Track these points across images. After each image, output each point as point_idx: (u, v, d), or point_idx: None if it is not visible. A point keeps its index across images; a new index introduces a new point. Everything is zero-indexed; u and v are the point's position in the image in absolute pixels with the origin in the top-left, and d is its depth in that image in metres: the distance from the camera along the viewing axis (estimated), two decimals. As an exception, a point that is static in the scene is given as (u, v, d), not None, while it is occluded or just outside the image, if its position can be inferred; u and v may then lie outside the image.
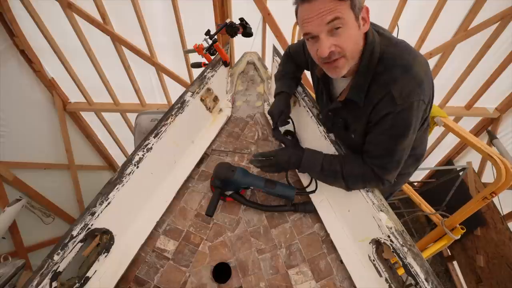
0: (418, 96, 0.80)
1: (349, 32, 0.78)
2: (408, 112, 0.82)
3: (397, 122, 0.84)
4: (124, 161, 1.12)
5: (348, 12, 0.76)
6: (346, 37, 0.78)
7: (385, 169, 0.94)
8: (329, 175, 1.03)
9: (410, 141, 0.91)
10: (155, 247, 1.18)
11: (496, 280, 2.63)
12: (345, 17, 0.76)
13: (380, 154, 0.93)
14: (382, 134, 0.89)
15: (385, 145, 0.90)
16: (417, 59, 0.82)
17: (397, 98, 0.80)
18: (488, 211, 2.81)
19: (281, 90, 1.24)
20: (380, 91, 0.84)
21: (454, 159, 3.83)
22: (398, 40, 0.88)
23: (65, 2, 2.54)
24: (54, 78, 3.29)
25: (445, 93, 3.18)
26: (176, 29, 2.71)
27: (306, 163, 1.06)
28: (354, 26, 0.79)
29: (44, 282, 0.89)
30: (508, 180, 1.24)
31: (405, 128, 0.85)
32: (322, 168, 1.03)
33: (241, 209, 1.27)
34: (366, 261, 1.04)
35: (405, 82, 0.80)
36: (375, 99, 0.85)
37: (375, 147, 0.93)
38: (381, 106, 0.84)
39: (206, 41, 1.30)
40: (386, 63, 0.83)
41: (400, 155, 0.91)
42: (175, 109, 1.26)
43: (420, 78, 0.80)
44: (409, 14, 2.47)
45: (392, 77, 0.81)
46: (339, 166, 1.00)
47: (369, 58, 0.84)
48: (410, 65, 0.80)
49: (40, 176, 3.33)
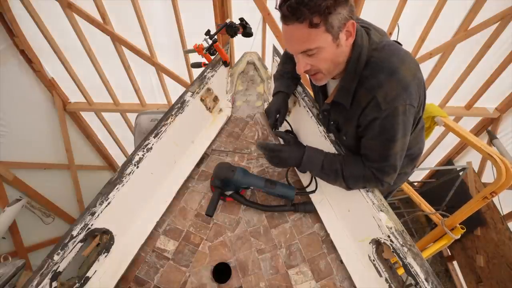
0: (403, 100, 0.79)
1: (324, 55, 0.80)
2: (394, 117, 0.81)
3: (385, 127, 0.84)
4: (124, 161, 1.12)
5: (323, 37, 0.76)
6: (321, 59, 0.81)
7: (383, 172, 0.94)
8: (330, 174, 1.03)
9: (403, 145, 0.90)
10: (155, 247, 1.18)
11: (496, 280, 2.63)
12: (318, 45, 0.77)
13: (376, 159, 0.93)
14: (372, 139, 0.90)
15: (379, 151, 0.91)
16: (405, 62, 0.80)
17: (381, 103, 0.80)
18: (488, 211, 2.80)
19: (279, 90, 1.24)
20: (366, 96, 0.84)
21: (454, 159, 3.83)
22: (388, 42, 0.86)
23: (65, 2, 2.53)
24: (54, 78, 3.29)
25: (445, 93, 3.17)
26: (176, 29, 2.71)
27: (307, 161, 1.06)
28: (330, 47, 0.79)
29: (44, 282, 0.89)
30: (508, 180, 1.25)
31: (393, 133, 0.85)
32: (323, 167, 1.03)
33: (241, 209, 1.27)
34: (366, 261, 1.04)
35: (389, 86, 0.79)
36: (363, 103, 0.85)
37: (370, 152, 0.94)
38: (368, 111, 0.85)
39: (206, 41, 1.30)
40: (373, 66, 0.83)
41: (394, 158, 0.91)
42: (175, 109, 1.26)
43: (406, 82, 0.79)
44: (409, 14, 2.47)
45: (377, 81, 0.81)
46: (339, 166, 1.00)
47: (356, 62, 0.84)
48: (395, 69, 0.79)
49: (40, 176, 3.32)
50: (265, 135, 1.46)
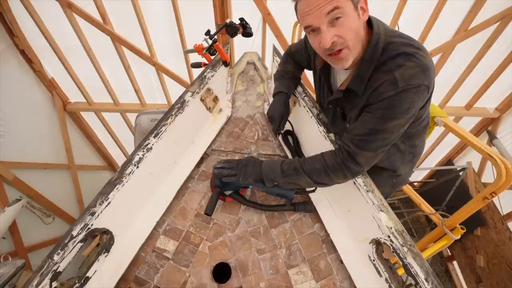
0: (421, 80, 0.79)
1: (349, 21, 0.79)
2: (407, 93, 0.80)
3: (393, 103, 0.83)
4: (124, 161, 1.12)
5: (346, 2, 0.77)
6: (347, 26, 0.79)
7: (361, 148, 0.90)
8: (291, 174, 1.02)
9: (397, 128, 0.88)
10: (155, 247, 1.18)
11: (496, 280, 2.63)
12: (344, 7, 0.77)
13: (362, 132, 0.89)
14: (373, 113, 0.88)
15: (372, 125, 0.88)
16: (422, 49, 0.82)
17: (399, 80, 0.80)
18: (488, 211, 2.81)
19: (280, 90, 1.24)
20: (381, 77, 0.84)
21: (454, 159, 3.83)
22: (402, 33, 0.89)
23: (65, 2, 2.54)
24: (54, 78, 3.29)
25: (445, 93, 3.18)
26: (176, 29, 2.71)
27: (266, 168, 1.06)
28: (354, 15, 0.79)
29: (44, 282, 0.89)
30: (508, 180, 1.24)
31: (397, 110, 0.83)
32: (283, 170, 1.03)
33: (241, 209, 1.27)
34: (366, 261, 1.04)
35: (408, 66, 0.80)
36: (376, 84, 0.85)
37: (361, 125, 0.90)
38: (382, 89, 0.83)
39: (206, 41, 1.30)
40: (390, 53, 0.83)
41: (382, 138, 0.88)
42: (175, 109, 1.26)
43: (425, 64, 0.80)
44: (409, 14, 2.47)
45: (395, 63, 0.82)
46: (298, 164, 1.01)
47: (374, 48, 0.85)
48: (413, 53, 0.80)
49: (40, 176, 3.33)
50: (265, 135, 1.46)
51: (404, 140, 1.07)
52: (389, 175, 1.23)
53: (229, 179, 1.10)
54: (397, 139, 0.92)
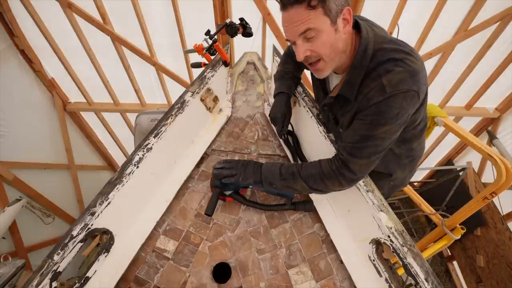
0: (408, 85, 0.79)
1: (323, 38, 0.81)
2: (395, 99, 0.80)
3: (381, 109, 0.82)
4: (124, 161, 1.12)
5: (321, 20, 0.78)
6: (320, 43, 0.82)
7: (353, 155, 0.90)
8: (289, 178, 1.03)
9: (389, 135, 0.87)
10: (155, 247, 1.18)
11: (496, 280, 2.63)
12: (317, 26, 0.79)
13: (353, 140, 0.90)
14: (363, 120, 0.88)
15: (362, 131, 0.88)
16: (412, 55, 0.82)
17: (386, 86, 0.80)
18: (488, 211, 2.81)
19: (281, 91, 1.24)
20: (370, 84, 0.84)
21: (454, 159, 3.83)
22: (394, 38, 0.89)
23: (65, 2, 2.54)
24: (54, 78, 3.29)
25: (445, 93, 3.18)
26: (176, 29, 2.71)
27: (266, 170, 1.07)
28: (330, 31, 0.81)
29: (44, 282, 0.89)
30: (508, 180, 1.25)
31: (386, 116, 0.82)
32: (281, 173, 1.04)
33: (241, 209, 1.27)
34: (366, 261, 1.04)
35: (396, 71, 0.80)
36: (365, 90, 0.86)
37: (353, 132, 0.91)
38: (371, 94, 0.84)
39: (206, 41, 1.30)
40: (380, 59, 0.83)
41: (374, 144, 0.87)
42: (175, 109, 1.26)
43: (414, 69, 0.79)
44: (409, 14, 2.47)
45: (384, 69, 0.82)
46: (296, 169, 1.02)
47: (362, 55, 0.85)
48: (403, 58, 0.80)
49: (40, 176, 3.33)
50: (265, 135, 1.46)
51: (399, 144, 1.06)
52: (385, 179, 1.23)
53: (229, 180, 1.10)
54: (391, 145, 0.91)
